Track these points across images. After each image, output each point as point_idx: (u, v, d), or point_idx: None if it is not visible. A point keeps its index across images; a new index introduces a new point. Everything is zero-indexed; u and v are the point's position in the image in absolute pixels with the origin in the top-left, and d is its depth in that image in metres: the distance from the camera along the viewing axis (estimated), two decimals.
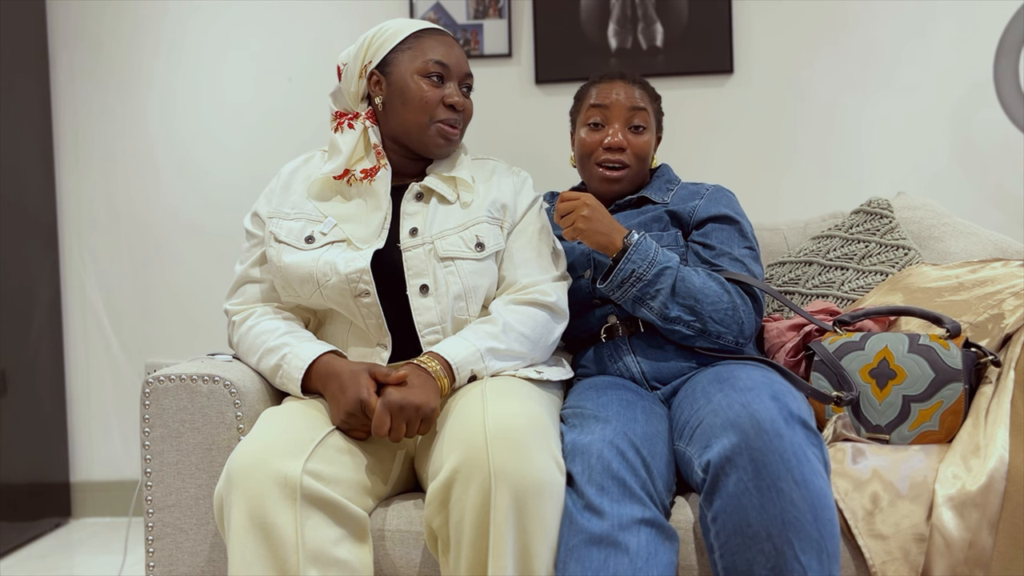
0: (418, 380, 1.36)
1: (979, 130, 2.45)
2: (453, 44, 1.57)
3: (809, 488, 1.20)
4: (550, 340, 1.53)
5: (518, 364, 1.47)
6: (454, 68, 1.54)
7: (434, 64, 1.53)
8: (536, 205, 1.63)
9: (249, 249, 1.58)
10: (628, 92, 1.69)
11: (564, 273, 1.61)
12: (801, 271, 1.94)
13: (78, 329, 2.73)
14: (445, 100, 1.53)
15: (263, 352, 1.48)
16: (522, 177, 1.66)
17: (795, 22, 2.49)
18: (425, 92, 1.52)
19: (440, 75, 1.53)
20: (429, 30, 1.57)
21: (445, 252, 1.48)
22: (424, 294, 1.47)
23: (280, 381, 1.46)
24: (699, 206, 1.66)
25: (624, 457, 1.28)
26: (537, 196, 1.65)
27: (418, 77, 1.53)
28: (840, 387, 1.50)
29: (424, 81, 1.53)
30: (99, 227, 2.71)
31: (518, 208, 1.60)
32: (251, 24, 2.63)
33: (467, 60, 1.59)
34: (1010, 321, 1.53)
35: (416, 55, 1.54)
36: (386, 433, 1.33)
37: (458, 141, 1.58)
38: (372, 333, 1.49)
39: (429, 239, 1.49)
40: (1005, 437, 1.31)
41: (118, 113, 2.68)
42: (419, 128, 1.53)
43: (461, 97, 1.55)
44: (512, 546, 1.20)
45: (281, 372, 1.45)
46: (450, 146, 1.56)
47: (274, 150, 2.62)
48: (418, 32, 1.56)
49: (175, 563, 1.42)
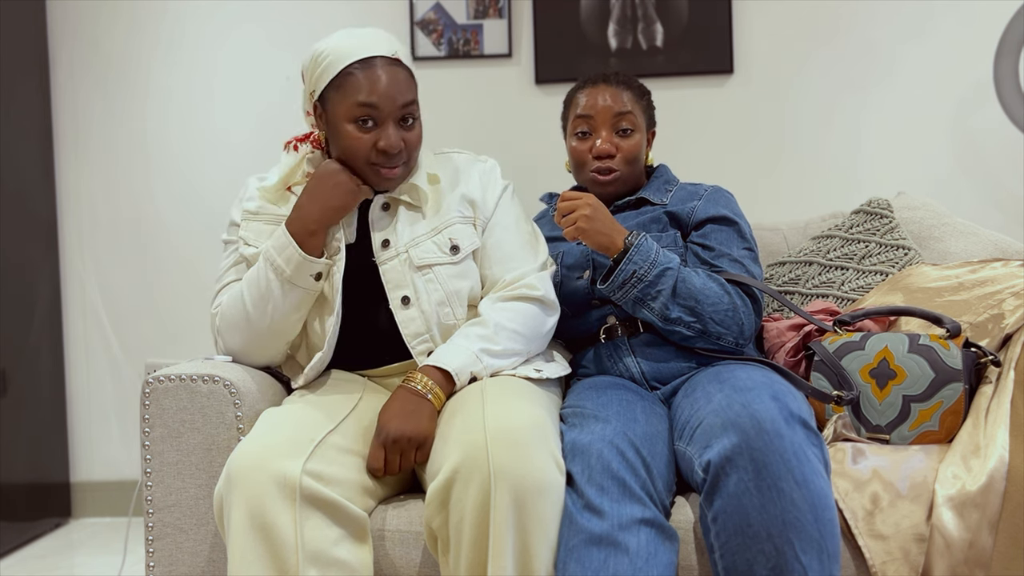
0: (410, 405, 1.36)
1: (979, 130, 2.45)
2: (384, 75, 1.43)
3: (809, 488, 1.20)
4: (543, 331, 1.52)
5: (516, 360, 1.47)
6: (384, 106, 1.42)
7: (359, 107, 1.42)
8: (507, 193, 1.61)
9: (227, 255, 1.58)
10: (614, 96, 1.67)
11: (547, 259, 1.59)
12: (801, 271, 1.94)
13: (78, 329, 2.73)
14: (377, 145, 1.44)
15: (246, 281, 1.46)
16: (489, 165, 1.61)
17: (795, 22, 2.49)
18: (353, 140, 1.44)
19: (369, 117, 1.43)
20: (360, 62, 1.43)
21: (421, 260, 1.48)
22: (406, 305, 1.47)
23: (272, 276, 1.43)
24: (698, 207, 1.66)
25: (624, 457, 1.28)
26: (507, 184, 1.62)
27: (346, 123, 1.44)
28: (840, 387, 1.50)
29: (353, 127, 1.43)
30: (99, 227, 2.71)
31: (487, 201, 1.57)
32: (249, 23, 2.62)
33: (407, 86, 1.46)
34: (1010, 321, 1.53)
35: (343, 96, 1.43)
36: (381, 466, 1.33)
37: (405, 172, 1.50)
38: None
39: (403, 248, 1.49)
40: (1005, 437, 1.31)
41: (118, 113, 2.68)
42: (359, 168, 1.47)
43: (396, 139, 1.44)
44: (512, 546, 1.20)
45: (268, 262, 1.43)
46: (394, 183, 1.50)
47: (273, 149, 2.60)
48: (347, 68, 1.43)
49: (175, 563, 1.42)
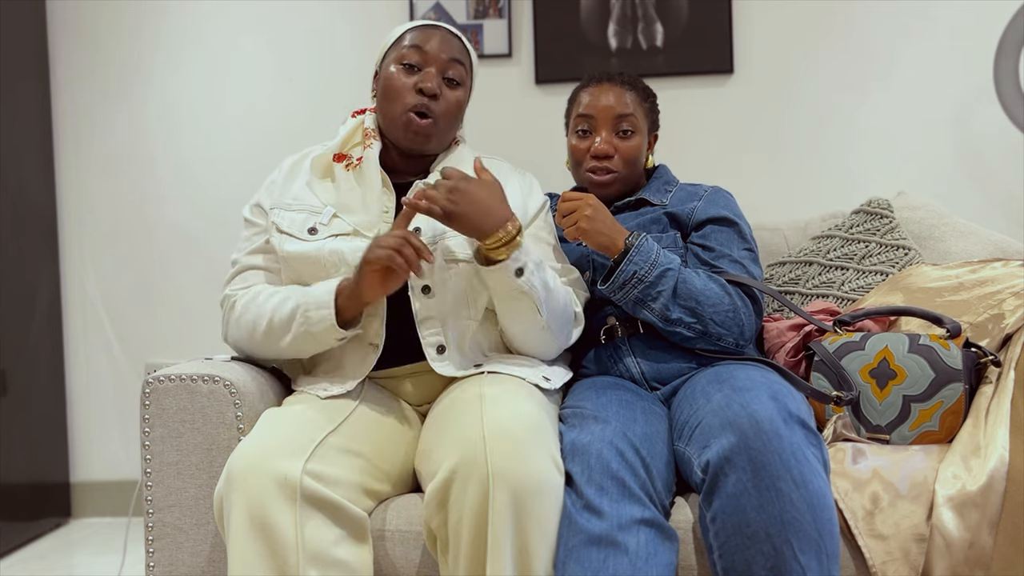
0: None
1: (979, 130, 2.45)
2: (437, 33, 1.53)
3: (808, 488, 1.20)
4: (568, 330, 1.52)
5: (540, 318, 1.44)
6: (432, 53, 1.51)
7: (408, 49, 1.51)
8: (545, 209, 1.62)
9: (249, 238, 1.56)
10: (617, 97, 1.67)
11: (577, 275, 1.61)
12: (801, 271, 1.94)
13: (78, 329, 2.73)
14: (417, 85, 1.49)
15: (278, 303, 1.44)
16: (528, 179, 1.65)
17: (795, 22, 2.49)
18: (395, 79, 1.51)
19: (416, 61, 1.51)
20: (423, 25, 1.55)
21: (450, 253, 1.47)
22: (426, 294, 1.47)
23: (301, 320, 1.41)
24: (698, 208, 1.66)
25: (623, 457, 1.28)
26: (545, 200, 1.64)
27: (394, 65, 1.52)
28: (840, 387, 1.50)
29: (398, 68, 1.51)
30: (99, 227, 2.71)
31: (528, 210, 1.58)
32: (251, 24, 2.63)
33: (460, 50, 1.54)
34: (1010, 321, 1.53)
35: (396, 47, 1.54)
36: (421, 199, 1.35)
37: (435, 135, 1.52)
38: (368, 329, 1.47)
39: (434, 239, 1.48)
40: (1005, 437, 1.31)
41: (118, 113, 2.68)
42: (394, 119, 1.51)
43: (435, 83, 1.49)
44: (510, 546, 1.19)
45: (303, 307, 1.41)
46: (423, 141, 1.51)
47: (274, 150, 2.61)
48: (412, 28, 1.55)
49: (175, 563, 1.42)
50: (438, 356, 1.46)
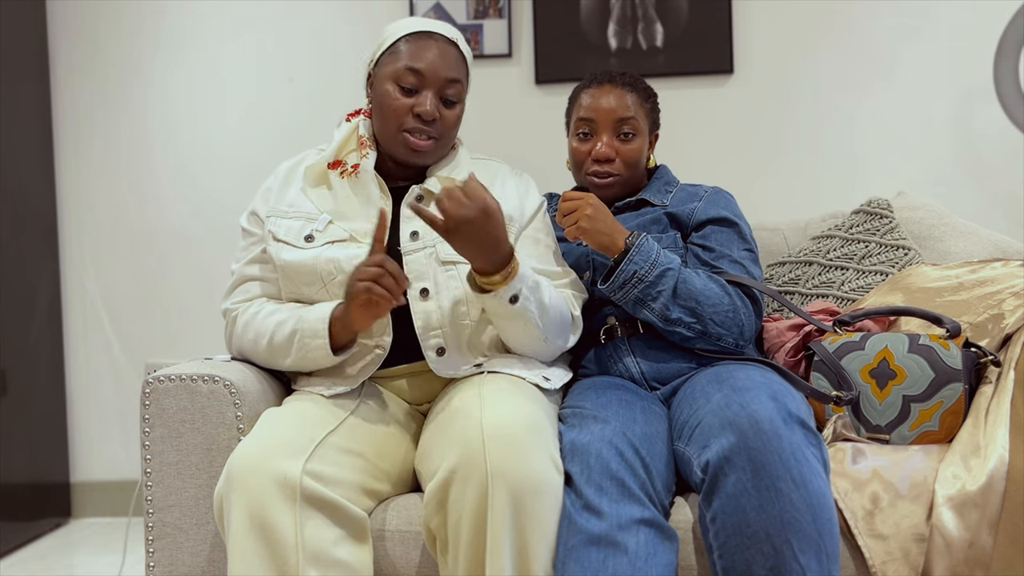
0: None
1: (979, 130, 2.45)
2: (436, 48, 1.50)
3: (808, 488, 1.20)
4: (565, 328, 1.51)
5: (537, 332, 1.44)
6: (429, 75, 1.48)
7: (405, 71, 1.48)
8: (542, 210, 1.62)
9: (247, 248, 1.57)
10: (618, 99, 1.66)
11: (574, 277, 1.60)
12: (801, 271, 1.94)
13: (78, 329, 2.73)
14: (414, 109, 1.48)
15: (276, 326, 1.45)
16: (525, 180, 1.64)
17: (795, 22, 2.49)
18: (392, 100, 1.48)
19: (412, 84, 1.48)
20: (419, 33, 1.51)
21: (447, 255, 1.47)
22: (424, 298, 1.47)
23: (299, 345, 1.42)
24: (698, 208, 1.66)
25: (623, 457, 1.28)
26: (542, 200, 1.64)
27: (391, 84, 1.49)
28: (840, 387, 1.50)
29: (394, 87, 1.49)
30: (99, 227, 2.71)
31: (525, 211, 1.58)
32: (251, 24, 2.62)
33: (457, 65, 1.52)
34: (1010, 321, 1.53)
35: (393, 60, 1.50)
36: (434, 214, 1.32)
37: (434, 152, 1.53)
38: (373, 330, 1.47)
39: (431, 242, 1.48)
40: (1005, 437, 1.31)
41: (118, 112, 2.68)
42: (390, 135, 1.51)
43: (432, 107, 1.48)
44: (510, 546, 1.20)
45: (300, 334, 1.42)
46: (421, 158, 1.52)
47: (274, 150, 2.61)
48: (407, 36, 1.51)
49: (175, 563, 1.42)
50: (438, 358, 1.46)
